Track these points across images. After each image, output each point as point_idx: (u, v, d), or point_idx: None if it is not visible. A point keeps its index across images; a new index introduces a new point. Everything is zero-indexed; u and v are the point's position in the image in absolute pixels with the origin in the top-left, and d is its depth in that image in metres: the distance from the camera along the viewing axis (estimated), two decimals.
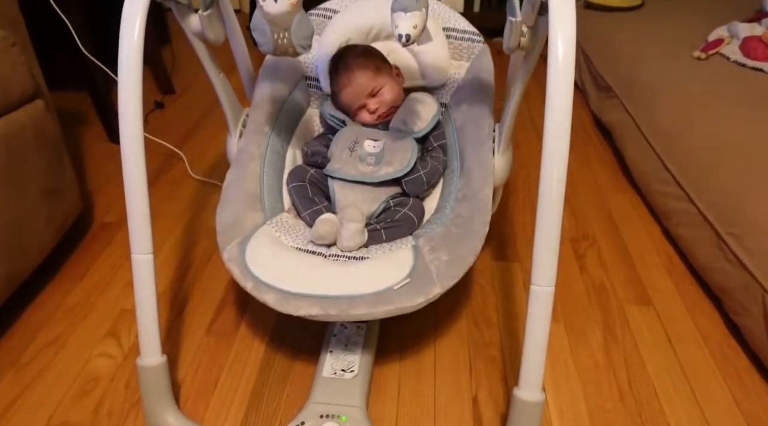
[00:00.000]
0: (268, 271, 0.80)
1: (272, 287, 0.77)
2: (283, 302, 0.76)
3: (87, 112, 1.70)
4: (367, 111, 1.03)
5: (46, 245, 1.07)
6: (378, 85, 1.01)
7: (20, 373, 0.93)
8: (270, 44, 0.76)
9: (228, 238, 0.85)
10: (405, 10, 0.70)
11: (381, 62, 1.04)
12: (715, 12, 1.76)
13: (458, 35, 1.08)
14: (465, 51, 1.08)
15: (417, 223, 0.94)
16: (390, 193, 0.97)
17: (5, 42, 0.93)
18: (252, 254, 0.83)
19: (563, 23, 0.63)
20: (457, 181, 0.95)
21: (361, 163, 0.97)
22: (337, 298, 0.76)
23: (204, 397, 0.89)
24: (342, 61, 1.03)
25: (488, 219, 0.85)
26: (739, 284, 0.95)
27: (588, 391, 0.90)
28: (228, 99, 0.98)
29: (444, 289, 0.78)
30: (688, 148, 1.20)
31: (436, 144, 1.02)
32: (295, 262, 0.84)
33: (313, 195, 0.97)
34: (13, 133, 0.95)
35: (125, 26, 0.70)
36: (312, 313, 0.75)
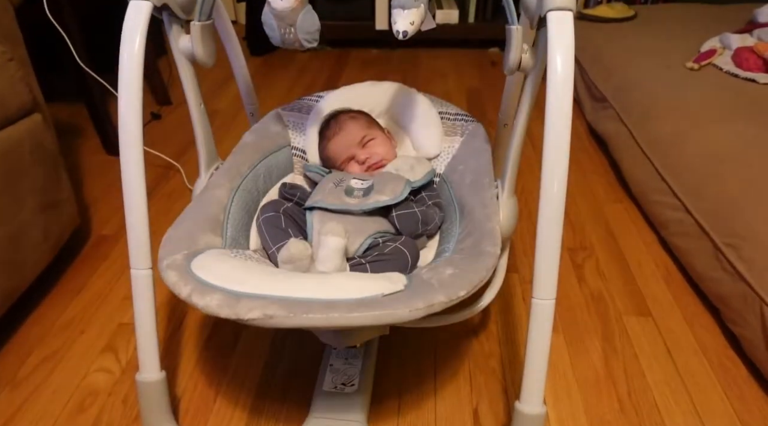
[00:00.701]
0: (215, 273, 0.66)
1: (217, 288, 0.63)
2: (231, 303, 0.61)
3: (83, 124, 1.70)
4: (356, 162, 0.96)
5: (43, 259, 1.06)
6: (369, 135, 0.97)
7: (17, 388, 0.92)
8: (278, 37, 0.79)
9: (173, 249, 0.72)
10: (403, 7, 0.71)
11: (373, 120, 1.02)
12: (707, 23, 1.79)
13: (451, 117, 1.05)
14: (458, 128, 1.04)
15: (410, 262, 0.80)
16: (378, 228, 0.84)
17: (3, 57, 0.93)
18: (199, 263, 0.69)
19: (562, 38, 0.64)
20: (457, 227, 0.85)
21: (348, 196, 0.86)
22: (306, 300, 0.62)
23: (203, 413, 0.89)
24: (333, 117, 1.01)
25: (498, 242, 0.74)
26: (737, 294, 0.96)
27: (588, 402, 0.90)
28: (204, 136, 0.91)
29: (449, 297, 0.64)
30: (683, 158, 1.21)
31: (430, 202, 0.91)
32: (254, 268, 0.70)
33: (287, 226, 0.84)
34: (11, 147, 0.95)
35: (126, 40, 0.70)
36: (269, 312, 0.60)
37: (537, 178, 0.66)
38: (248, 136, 1.01)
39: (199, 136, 0.91)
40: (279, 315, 0.60)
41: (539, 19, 0.69)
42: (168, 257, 0.71)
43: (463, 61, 2.36)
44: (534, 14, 0.70)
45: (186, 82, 0.86)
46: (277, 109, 1.08)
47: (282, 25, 0.78)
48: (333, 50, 2.49)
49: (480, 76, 2.21)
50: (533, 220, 1.33)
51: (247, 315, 0.60)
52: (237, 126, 1.72)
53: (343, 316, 0.60)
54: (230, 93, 1.99)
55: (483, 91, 2.08)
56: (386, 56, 2.44)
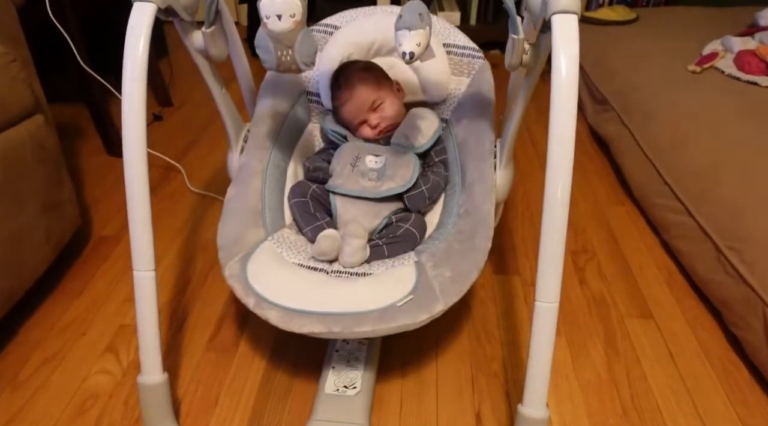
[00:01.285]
0: (270, 287, 0.79)
1: (274, 304, 0.77)
2: (286, 320, 0.75)
3: (84, 125, 1.69)
4: (368, 126, 1.03)
5: (44, 260, 1.06)
6: (379, 99, 1.01)
7: (17, 390, 0.92)
8: (273, 61, 0.77)
9: (230, 254, 0.85)
10: (409, 28, 0.71)
11: (382, 77, 1.04)
12: (708, 26, 1.79)
13: (458, 51, 1.08)
14: (465, 67, 1.08)
15: (419, 239, 0.94)
16: (392, 209, 0.97)
17: (5, 58, 0.93)
18: (254, 270, 0.82)
19: (566, 41, 0.64)
20: (458, 197, 0.95)
21: (363, 178, 0.97)
22: (340, 315, 0.75)
23: (204, 415, 0.89)
24: (343, 76, 1.03)
25: (491, 234, 0.85)
26: (740, 297, 0.95)
27: (591, 406, 0.90)
28: (230, 114, 0.98)
29: (447, 305, 0.77)
30: (685, 161, 1.21)
31: (437, 159, 1.03)
32: (298, 278, 0.84)
33: (315, 210, 0.96)
34: (13, 148, 0.95)
35: (130, 41, 0.70)
36: (315, 330, 0.74)
37: (539, 181, 0.66)
38: (264, 93, 1.05)
39: (225, 116, 0.97)
40: (322, 331, 0.74)
41: (543, 22, 0.70)
42: (227, 265, 0.82)
43: None
44: (538, 17, 0.70)
45: (205, 73, 0.90)
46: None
47: (279, 47, 0.76)
48: None
49: None
50: (535, 223, 1.35)
51: (299, 330, 0.74)
52: None
53: (371, 330, 0.75)
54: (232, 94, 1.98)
55: None
56: None
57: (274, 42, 0.75)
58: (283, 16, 0.74)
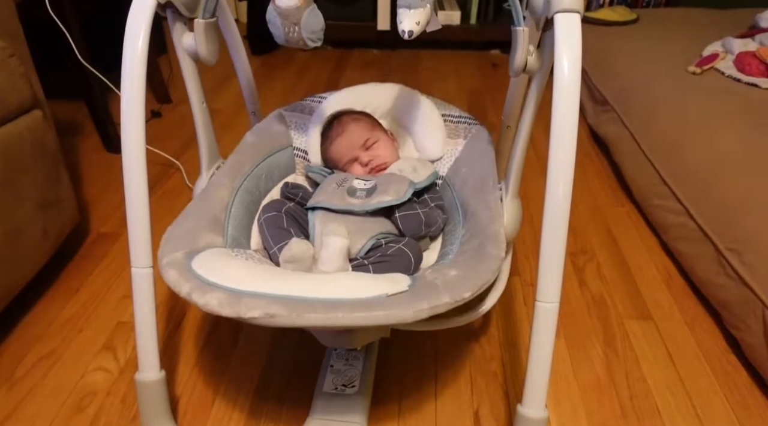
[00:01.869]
0: (216, 271, 0.66)
1: (218, 286, 0.63)
2: (232, 301, 0.60)
3: (82, 121, 1.69)
4: (359, 164, 0.96)
5: (41, 257, 1.05)
6: (373, 138, 0.96)
7: (14, 388, 0.92)
8: (282, 36, 0.79)
9: (174, 247, 0.71)
10: (409, 6, 0.71)
11: (376, 122, 1.02)
12: (708, 27, 1.79)
13: (455, 119, 1.04)
14: (462, 131, 1.03)
15: (413, 263, 0.79)
16: (381, 229, 0.84)
17: (4, 53, 0.93)
18: (201, 261, 0.68)
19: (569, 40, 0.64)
20: (460, 229, 0.84)
21: (350, 196, 0.87)
22: (308, 300, 0.61)
23: (202, 413, 0.88)
24: (336, 119, 1.00)
25: (502, 246, 0.73)
26: (739, 299, 0.95)
27: (590, 407, 0.89)
28: (206, 133, 0.91)
29: (454, 299, 0.64)
30: (686, 162, 1.21)
31: (432, 204, 0.90)
32: (256, 267, 0.70)
33: (288, 226, 0.83)
34: (11, 143, 0.94)
35: (129, 37, 0.70)
36: (270, 311, 0.59)
37: (538, 182, 0.66)
38: (250, 135, 1.00)
39: (201, 135, 0.91)
40: (281, 314, 0.59)
41: (546, 21, 0.69)
42: (168, 255, 0.70)
43: (464, 63, 2.36)
44: (540, 16, 0.70)
45: (189, 80, 0.85)
46: (279, 110, 1.07)
47: (286, 24, 0.77)
48: (334, 50, 2.49)
49: (481, 78, 2.21)
50: (534, 224, 1.34)
51: (248, 313, 0.59)
52: (237, 125, 1.71)
53: (346, 317, 0.60)
54: (231, 92, 1.98)
55: (484, 92, 2.07)
56: (387, 57, 2.44)
57: (281, 18, 0.77)
58: None
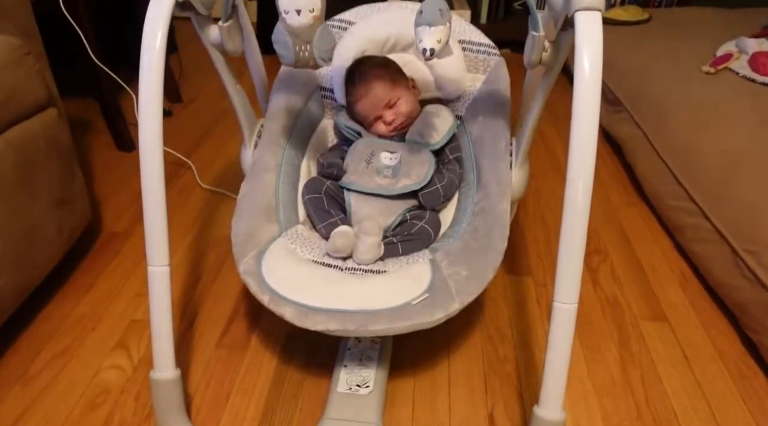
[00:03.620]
0: (284, 284, 0.79)
1: (289, 301, 0.76)
2: (302, 317, 0.75)
3: (94, 119, 1.69)
4: (383, 122, 1.02)
5: (55, 255, 1.05)
6: (394, 96, 1.01)
7: (28, 385, 0.92)
8: (291, 56, 0.77)
9: (244, 250, 0.84)
10: (430, 24, 0.70)
11: (397, 74, 1.03)
12: (721, 27, 1.77)
13: (474, 48, 1.07)
14: (481, 64, 1.07)
15: (433, 237, 0.93)
16: (406, 206, 0.97)
17: (20, 51, 0.93)
18: (268, 267, 0.82)
19: (590, 39, 0.64)
20: (473, 195, 0.94)
21: (378, 175, 0.97)
22: (355, 312, 0.75)
23: (216, 412, 0.88)
24: (358, 72, 1.03)
25: (507, 233, 0.84)
26: (757, 301, 0.94)
27: (605, 408, 0.89)
28: (243, 110, 0.97)
29: (463, 304, 0.77)
30: (700, 163, 1.20)
31: (451, 156, 1.02)
32: (312, 275, 0.83)
33: (329, 207, 0.96)
34: (27, 141, 0.95)
35: (147, 34, 0.69)
36: (330, 327, 0.74)
37: (550, 181, 0.65)
38: (279, 86, 1.05)
39: (239, 111, 0.97)
40: (338, 329, 0.74)
41: (565, 19, 0.69)
42: (242, 261, 0.82)
43: None
44: (560, 14, 0.69)
45: (220, 68, 0.89)
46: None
47: (298, 42, 0.76)
48: None
49: None
50: (547, 223, 1.34)
51: (314, 327, 0.74)
52: None
53: (386, 328, 0.74)
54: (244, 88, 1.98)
55: None
56: None
57: (292, 37, 0.75)
58: (302, 11, 0.73)
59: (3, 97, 0.88)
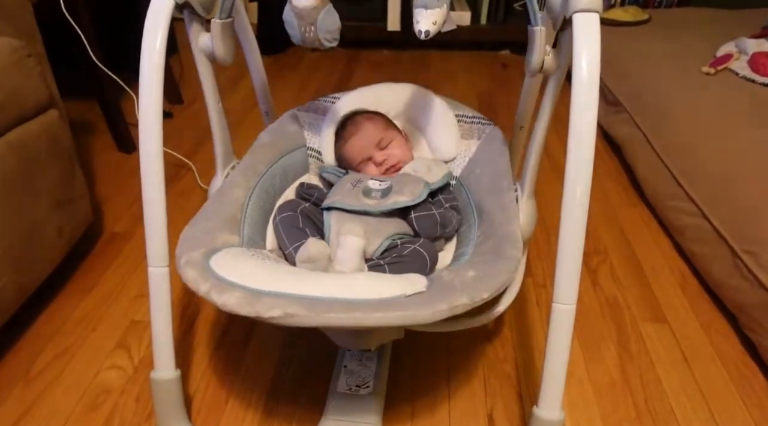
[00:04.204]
0: (235, 270, 0.66)
1: (237, 285, 0.63)
2: (251, 301, 0.60)
3: (95, 121, 1.70)
4: (373, 163, 0.96)
5: (56, 256, 1.06)
6: (387, 137, 0.96)
7: (29, 385, 0.92)
8: (298, 36, 0.79)
9: (192, 246, 0.72)
10: (426, 6, 0.70)
11: (390, 122, 1.01)
12: (721, 28, 1.77)
13: (468, 119, 1.03)
14: (475, 132, 1.02)
15: (429, 265, 0.79)
16: (397, 230, 0.84)
17: (21, 52, 0.93)
18: (219, 260, 0.69)
19: (588, 40, 0.64)
20: (476, 230, 0.83)
21: (366, 197, 0.86)
22: (327, 299, 0.61)
23: (216, 412, 0.88)
24: (350, 119, 1.00)
25: (519, 246, 0.73)
26: (756, 302, 0.94)
27: (605, 409, 0.89)
28: (221, 133, 0.92)
29: (472, 299, 0.64)
30: (700, 164, 1.20)
31: (447, 205, 0.90)
32: (275, 266, 0.71)
33: (304, 225, 0.84)
34: (28, 142, 0.95)
35: (147, 36, 0.70)
36: (289, 310, 0.59)
37: (549, 182, 0.66)
38: (265, 135, 1.00)
39: (217, 135, 0.91)
40: (300, 314, 0.59)
41: (563, 21, 0.69)
42: (186, 254, 0.71)
43: (474, 63, 2.35)
44: (558, 15, 0.69)
45: (204, 80, 0.86)
46: (293, 110, 1.07)
47: (303, 24, 0.77)
48: (344, 50, 2.49)
49: (491, 79, 2.20)
50: (546, 224, 1.34)
51: (268, 313, 0.60)
52: (249, 124, 1.71)
53: (366, 317, 0.60)
54: (242, 91, 1.98)
55: (494, 93, 2.07)
56: (397, 57, 2.43)
57: (298, 18, 0.77)
58: None
59: (4, 99, 0.89)
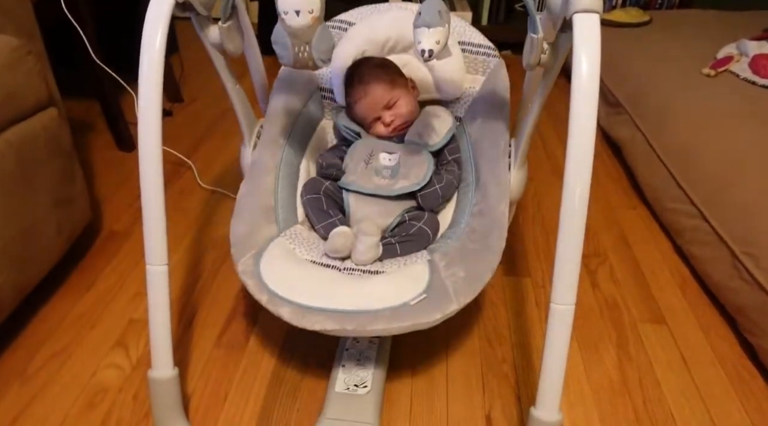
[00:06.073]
0: (283, 284, 0.79)
1: (287, 301, 0.77)
2: (299, 316, 0.75)
3: (95, 119, 1.70)
4: (382, 123, 1.02)
5: (55, 254, 1.06)
6: (394, 97, 1.01)
7: (26, 384, 0.92)
8: (290, 57, 0.77)
9: (242, 250, 0.84)
10: (428, 26, 0.70)
11: (397, 75, 1.04)
12: (722, 30, 1.78)
13: (473, 49, 1.07)
14: (480, 65, 1.07)
15: (432, 238, 0.93)
16: (405, 207, 0.97)
17: (21, 50, 0.93)
18: (266, 267, 0.82)
19: (587, 41, 0.64)
20: (472, 196, 0.95)
21: (377, 176, 0.97)
22: (353, 313, 0.75)
23: (214, 411, 0.88)
24: (358, 73, 1.03)
25: (505, 235, 0.84)
26: (756, 304, 0.94)
27: (603, 411, 0.89)
28: (243, 110, 0.97)
29: (461, 305, 0.77)
30: (701, 166, 1.20)
31: (450, 158, 1.02)
32: (310, 275, 0.84)
33: (328, 208, 0.96)
34: (27, 140, 0.95)
35: (147, 34, 0.70)
36: (328, 327, 0.74)
37: (549, 182, 0.65)
38: (278, 88, 1.05)
39: (239, 111, 0.97)
40: (335, 328, 0.74)
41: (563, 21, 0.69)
42: (240, 261, 0.82)
43: None
44: (558, 16, 0.69)
45: (220, 69, 0.89)
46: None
47: (297, 43, 0.77)
48: None
49: None
50: (546, 225, 1.34)
51: (312, 327, 0.74)
52: None
53: (384, 328, 0.74)
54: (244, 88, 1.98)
55: None
56: None
57: (291, 38, 0.75)
58: (301, 12, 0.73)
59: (3, 97, 0.89)
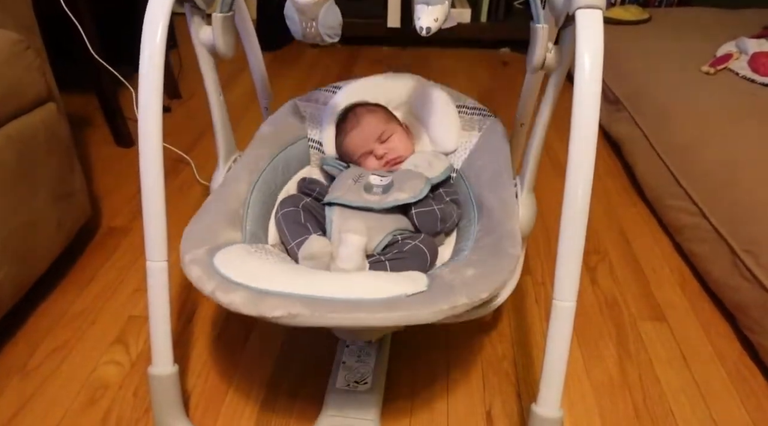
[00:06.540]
0: (239, 270, 0.67)
1: (241, 285, 0.64)
2: (255, 301, 0.61)
3: (93, 115, 1.69)
4: (374, 157, 0.95)
5: (54, 250, 1.05)
6: (388, 131, 0.95)
7: (26, 379, 0.92)
8: (299, 32, 0.78)
9: (195, 243, 0.72)
10: (428, 3, 0.70)
11: (391, 115, 1.01)
12: (722, 27, 1.77)
13: (469, 111, 1.03)
14: (476, 123, 1.02)
15: (429, 260, 0.80)
16: (398, 225, 0.85)
17: (20, 45, 0.93)
18: (222, 257, 0.70)
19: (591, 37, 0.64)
20: (475, 226, 0.84)
21: (367, 193, 0.86)
22: (330, 299, 0.62)
23: (214, 407, 0.88)
24: (351, 111, 0.99)
25: (518, 243, 0.74)
26: (756, 302, 0.94)
27: (603, 408, 0.89)
28: (223, 126, 0.92)
29: (471, 299, 0.65)
30: (700, 163, 1.20)
31: (448, 198, 0.90)
32: (278, 264, 0.71)
33: (306, 221, 0.84)
34: (27, 135, 0.95)
35: (147, 30, 0.69)
36: (293, 311, 0.60)
37: (549, 180, 0.65)
38: (265, 127, 1.00)
39: (218, 128, 0.91)
40: (303, 314, 0.60)
41: (566, 18, 0.69)
42: (190, 252, 0.71)
43: (475, 61, 2.35)
44: (561, 12, 0.69)
45: (206, 73, 0.86)
46: (293, 100, 1.07)
47: (304, 19, 0.77)
48: (344, 47, 2.48)
49: (491, 76, 2.20)
50: (545, 221, 1.34)
51: (272, 313, 0.61)
52: (248, 118, 1.69)
53: (369, 317, 0.61)
54: (242, 85, 1.97)
55: (494, 90, 2.06)
56: (397, 55, 2.43)
57: (299, 14, 0.76)
58: None
59: (2, 92, 0.88)
